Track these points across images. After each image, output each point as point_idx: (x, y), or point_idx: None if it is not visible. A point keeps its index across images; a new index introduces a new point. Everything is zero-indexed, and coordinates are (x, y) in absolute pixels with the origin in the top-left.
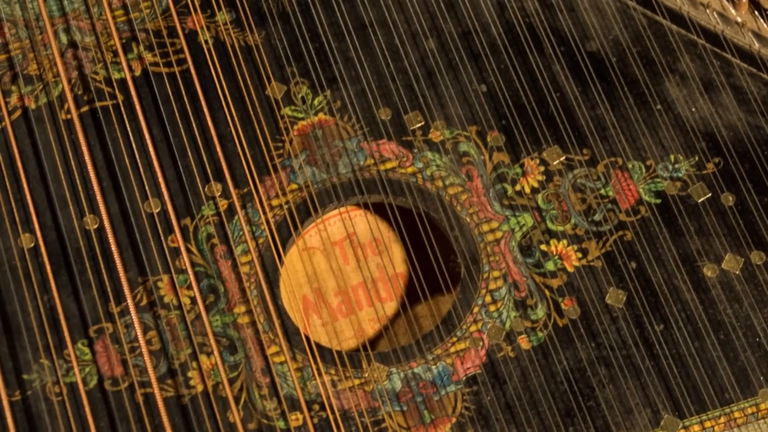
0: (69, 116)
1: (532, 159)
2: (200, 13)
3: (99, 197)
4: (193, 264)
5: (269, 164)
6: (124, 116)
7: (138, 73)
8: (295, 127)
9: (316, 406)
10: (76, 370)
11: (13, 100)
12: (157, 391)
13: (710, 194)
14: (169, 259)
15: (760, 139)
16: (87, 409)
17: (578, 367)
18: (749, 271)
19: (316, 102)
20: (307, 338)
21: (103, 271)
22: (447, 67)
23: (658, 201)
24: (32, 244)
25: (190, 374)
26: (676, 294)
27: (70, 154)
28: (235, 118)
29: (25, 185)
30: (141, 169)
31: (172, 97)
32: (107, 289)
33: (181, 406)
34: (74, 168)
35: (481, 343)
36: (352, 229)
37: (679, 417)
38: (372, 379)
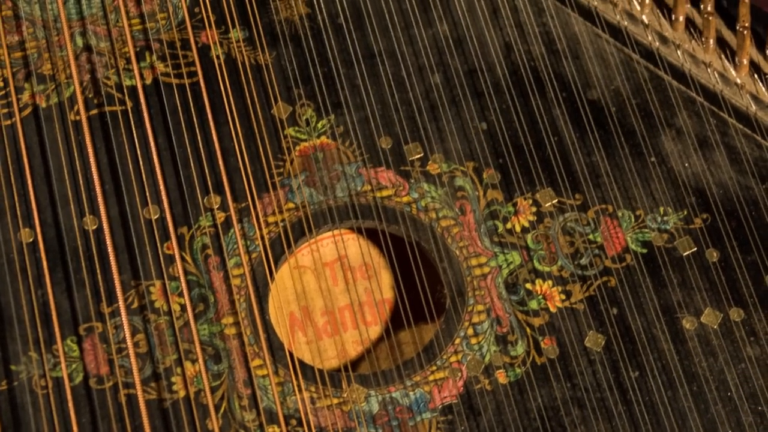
0: (78, 118)
1: (525, 199)
2: (214, 29)
3: (100, 199)
4: (186, 272)
5: (269, 182)
6: (132, 122)
7: (149, 81)
8: (297, 148)
9: (294, 421)
10: (63, 365)
11: (25, 97)
12: (140, 393)
13: (695, 249)
14: (163, 265)
15: (748, 199)
16: (70, 404)
17: (552, 406)
18: (727, 327)
19: (319, 125)
20: (291, 354)
21: (98, 271)
22: (450, 102)
23: (645, 251)
24: (31, 239)
25: (173, 379)
26: (654, 343)
27: (76, 155)
28: (240, 134)
29: (29, 181)
30: (143, 176)
31: (179, 108)
32: (100, 289)
33: (162, 409)
34: (78, 168)
35: (459, 374)
36: (344, 251)
37: None
38: (350, 399)
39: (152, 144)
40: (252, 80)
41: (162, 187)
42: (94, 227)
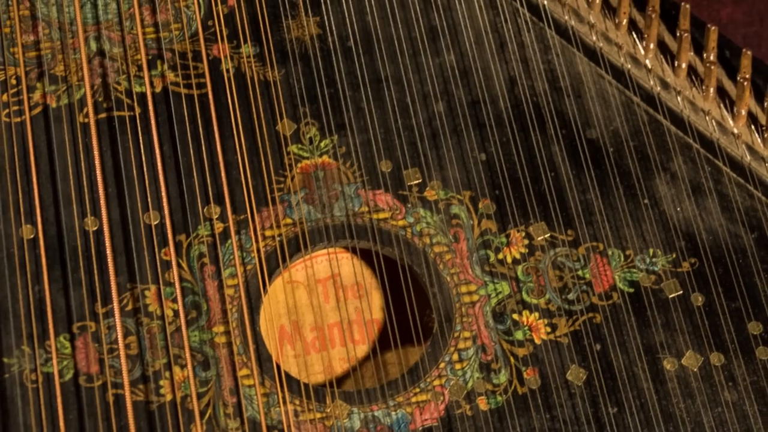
0: (86, 120)
1: (518, 231)
2: (226, 43)
3: (102, 201)
4: (181, 279)
5: (269, 196)
6: (139, 128)
7: (158, 89)
8: (299, 165)
9: None
10: (54, 361)
11: (36, 96)
12: (127, 394)
13: (681, 292)
14: (159, 270)
15: (737, 247)
16: (59, 399)
17: None
18: (707, 371)
19: (322, 144)
20: (278, 366)
21: (95, 272)
22: (452, 131)
23: (631, 290)
24: (32, 236)
25: (161, 383)
26: (634, 381)
27: (82, 157)
28: (244, 148)
29: (34, 179)
30: (146, 181)
31: (186, 118)
32: (96, 289)
33: (148, 411)
34: (83, 170)
35: (441, 398)
36: (338, 270)
37: None
38: (333, 415)
39: (157, 151)
40: (259, 96)
41: (164, 194)
42: (95, 228)
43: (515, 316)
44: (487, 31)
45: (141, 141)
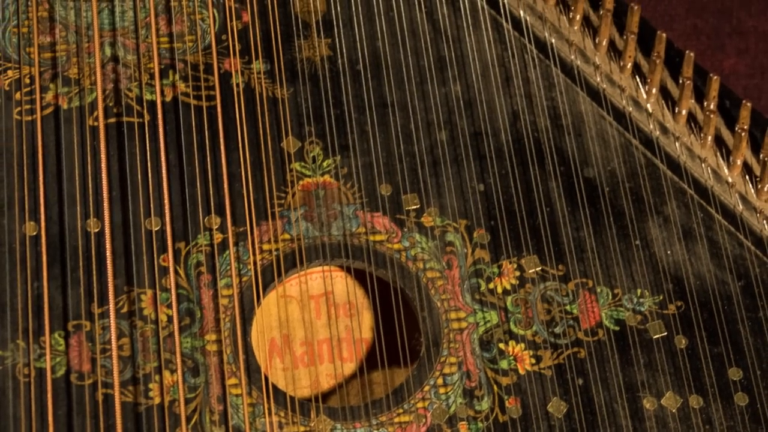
0: (96, 123)
1: (510, 262)
2: (238, 58)
3: (106, 204)
4: (177, 285)
5: (269, 210)
6: (147, 135)
7: (168, 98)
8: (301, 183)
9: None
10: (47, 357)
11: (48, 96)
12: (117, 394)
13: (665, 333)
14: (156, 275)
15: (723, 294)
16: (49, 395)
17: None
18: (685, 412)
19: (325, 164)
20: (266, 378)
21: (94, 272)
22: (452, 160)
23: (617, 328)
24: (34, 233)
25: (151, 386)
26: (613, 417)
27: (89, 159)
28: (248, 162)
29: (41, 177)
30: (150, 188)
31: (194, 128)
32: (94, 290)
33: (136, 413)
34: (89, 172)
35: (423, 420)
36: (331, 288)
37: None
38: (317, 429)
39: (163, 159)
40: (267, 112)
41: (166, 202)
42: (97, 230)
43: (501, 346)
44: (494, 65)
45: (148, 148)
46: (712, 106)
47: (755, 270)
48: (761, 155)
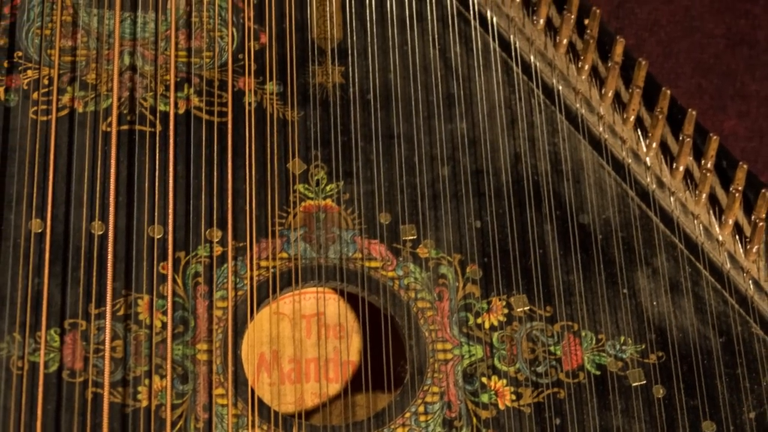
0: (108, 129)
1: (500, 300)
2: (252, 78)
3: (111, 209)
4: (174, 293)
5: (269, 229)
6: (157, 145)
7: (181, 111)
8: (303, 204)
9: None
10: (42, 352)
11: (65, 99)
12: (106, 394)
13: (644, 382)
14: (155, 282)
15: (703, 349)
16: (40, 389)
17: None
18: None
19: (328, 188)
20: (253, 391)
21: (94, 274)
22: (452, 195)
23: (598, 372)
24: (40, 230)
25: (140, 389)
26: None
27: (99, 163)
28: (253, 179)
29: (50, 177)
30: (156, 196)
31: (204, 142)
32: (92, 290)
33: (123, 414)
34: (98, 176)
35: None
36: (323, 309)
37: None
38: None
39: (171, 169)
40: (276, 132)
41: (170, 211)
42: (100, 233)
43: (484, 380)
44: (500, 106)
45: (157, 157)
46: (709, 165)
47: (737, 328)
48: (753, 217)
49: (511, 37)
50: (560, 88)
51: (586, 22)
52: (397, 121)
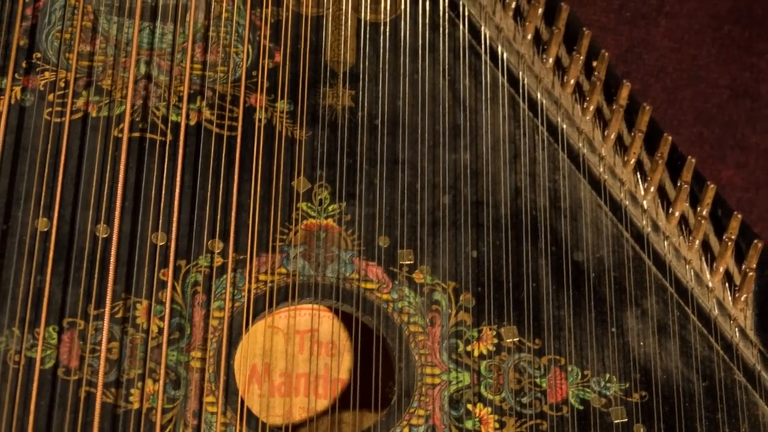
0: (120, 135)
1: (490, 329)
2: (264, 95)
3: (117, 213)
4: (172, 300)
5: (270, 244)
6: (166, 154)
7: (192, 122)
8: (305, 222)
9: None
10: (39, 348)
11: (79, 102)
12: (99, 394)
13: (626, 419)
14: (154, 288)
15: (686, 391)
16: (35, 384)
17: None
18: None
19: (330, 208)
20: (242, 401)
21: (96, 275)
22: (451, 224)
23: (581, 407)
24: (46, 229)
25: (132, 391)
26: None
27: (108, 167)
28: (258, 194)
29: (60, 177)
30: (161, 204)
31: (212, 155)
32: (93, 292)
33: (114, 414)
34: (107, 180)
35: None
36: (317, 326)
37: None
38: None
39: (178, 179)
40: (283, 150)
41: (174, 219)
42: (105, 236)
43: (469, 406)
44: (505, 140)
45: (165, 166)
46: (704, 212)
47: (720, 374)
48: (744, 266)
49: (520, 73)
50: (564, 126)
51: (595, 64)
52: (402, 147)
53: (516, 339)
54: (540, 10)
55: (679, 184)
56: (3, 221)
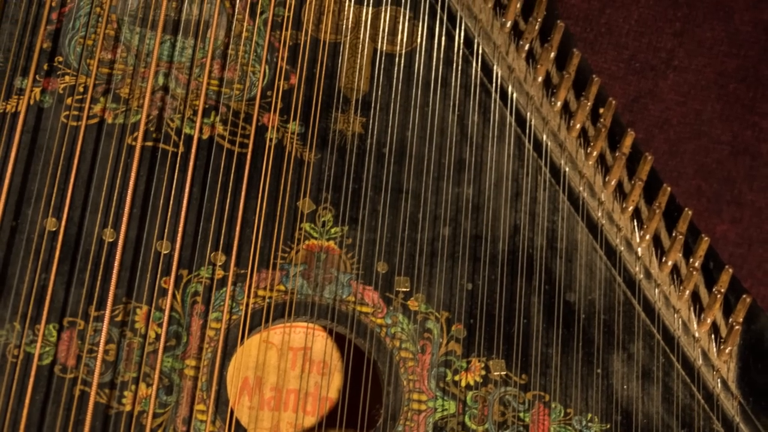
0: (134, 143)
1: (479, 361)
2: (277, 115)
3: (125, 219)
4: (172, 308)
5: (271, 261)
6: (177, 165)
7: (205, 136)
8: (306, 242)
9: None
10: (38, 344)
11: (96, 108)
12: (93, 393)
13: None
14: (155, 295)
15: None
16: (31, 379)
17: None
18: None
19: (332, 230)
20: (232, 412)
21: (99, 278)
22: (449, 255)
23: None
24: (54, 229)
25: (125, 393)
26: None
27: (120, 174)
28: (263, 212)
29: (72, 180)
30: (168, 213)
31: (222, 169)
32: (95, 293)
33: (106, 414)
34: (117, 186)
35: None
36: (311, 344)
37: None
38: None
39: (187, 190)
40: (291, 170)
41: (180, 229)
42: (111, 240)
43: None
44: (508, 178)
45: (175, 177)
46: (696, 264)
47: (699, 422)
48: (731, 319)
49: (528, 114)
50: (567, 169)
51: (601, 110)
52: (407, 176)
53: (503, 372)
54: (552, 54)
55: (674, 234)
56: (13, 218)
